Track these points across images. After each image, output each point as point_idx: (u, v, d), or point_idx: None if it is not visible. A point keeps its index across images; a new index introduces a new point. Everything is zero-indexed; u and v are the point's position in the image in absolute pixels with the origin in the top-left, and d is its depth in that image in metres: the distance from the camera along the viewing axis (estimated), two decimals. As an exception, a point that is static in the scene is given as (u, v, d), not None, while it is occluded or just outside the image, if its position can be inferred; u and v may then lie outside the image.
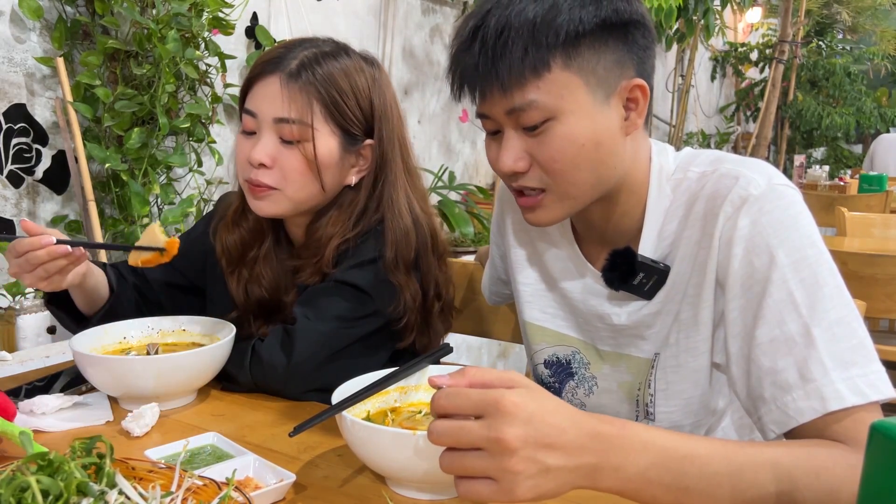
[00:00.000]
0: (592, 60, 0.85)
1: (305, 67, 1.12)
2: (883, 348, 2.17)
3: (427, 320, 1.21)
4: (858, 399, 0.77)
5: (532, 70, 0.84)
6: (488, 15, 0.86)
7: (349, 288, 1.13)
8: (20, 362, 2.01)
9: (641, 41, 0.89)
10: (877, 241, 3.15)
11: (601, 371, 1.05)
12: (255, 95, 1.14)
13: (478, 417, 0.63)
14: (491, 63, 0.84)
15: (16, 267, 1.10)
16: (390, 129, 1.19)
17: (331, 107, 1.12)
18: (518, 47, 0.83)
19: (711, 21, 5.05)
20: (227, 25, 2.69)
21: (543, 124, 0.86)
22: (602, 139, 0.88)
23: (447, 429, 0.64)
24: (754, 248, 0.85)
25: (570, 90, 0.85)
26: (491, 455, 0.62)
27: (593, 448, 0.64)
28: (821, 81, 8.71)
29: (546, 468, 0.63)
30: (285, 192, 1.14)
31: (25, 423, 0.96)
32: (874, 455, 0.48)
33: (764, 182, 0.87)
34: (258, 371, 1.10)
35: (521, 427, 0.62)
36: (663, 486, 0.67)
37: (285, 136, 1.12)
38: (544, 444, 0.62)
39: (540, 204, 0.92)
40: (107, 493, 0.63)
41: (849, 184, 5.12)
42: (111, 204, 2.61)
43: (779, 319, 0.82)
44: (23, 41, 2.43)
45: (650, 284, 0.95)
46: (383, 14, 4.05)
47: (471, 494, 0.64)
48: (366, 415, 0.89)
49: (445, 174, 3.85)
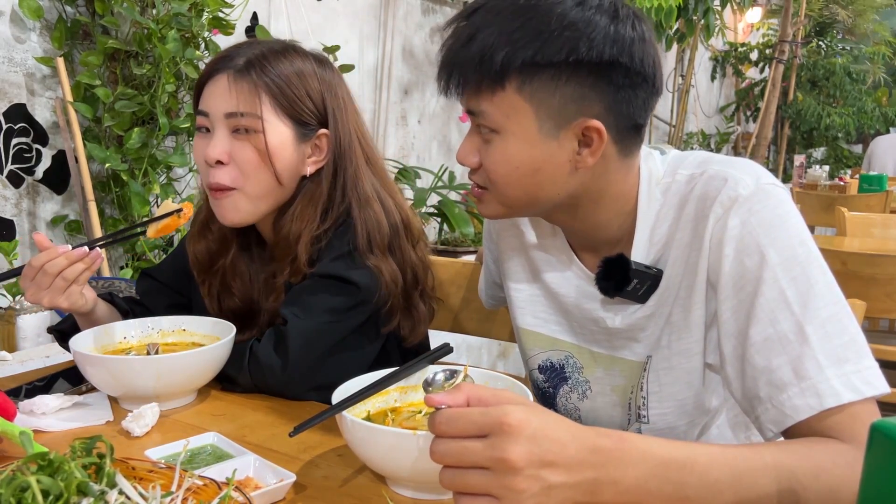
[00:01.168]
0: (548, 92, 0.85)
1: (253, 63, 1.13)
2: (883, 348, 2.17)
3: (409, 303, 1.22)
4: (854, 395, 0.77)
5: (488, 82, 0.86)
6: (471, 17, 0.88)
7: (333, 280, 1.13)
8: (20, 362, 2.01)
9: (621, 81, 0.86)
10: (877, 241, 3.15)
11: (594, 374, 1.05)
12: (205, 95, 1.15)
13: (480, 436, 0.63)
14: (456, 62, 0.88)
15: (33, 287, 1.10)
16: (345, 120, 1.20)
17: (280, 97, 1.14)
18: (477, 56, 0.85)
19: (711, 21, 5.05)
20: (227, 25, 2.69)
21: (489, 133, 0.89)
22: (541, 167, 0.89)
23: (450, 450, 0.63)
24: (745, 248, 0.85)
25: (518, 114, 0.87)
26: (494, 474, 0.62)
27: (593, 462, 0.64)
28: (821, 81, 8.71)
29: (549, 486, 0.62)
30: (244, 190, 1.14)
31: (25, 423, 0.96)
32: (874, 455, 0.48)
33: (752, 182, 0.87)
34: (257, 372, 1.10)
35: (525, 445, 0.61)
36: (664, 497, 0.67)
37: (239, 130, 1.13)
38: (547, 461, 0.62)
39: (482, 199, 0.96)
40: (107, 493, 0.63)
41: (849, 184, 5.12)
42: (111, 204, 2.61)
43: (771, 318, 0.82)
44: (23, 41, 2.43)
45: (644, 289, 0.95)
46: (383, 14, 4.05)
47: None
48: (366, 415, 0.89)
49: (445, 174, 3.84)
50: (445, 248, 3.40)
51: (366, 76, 4.02)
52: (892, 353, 2.17)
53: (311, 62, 1.18)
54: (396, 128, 4.23)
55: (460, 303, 1.47)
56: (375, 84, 4.10)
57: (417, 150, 4.37)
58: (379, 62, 4.09)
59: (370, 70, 4.05)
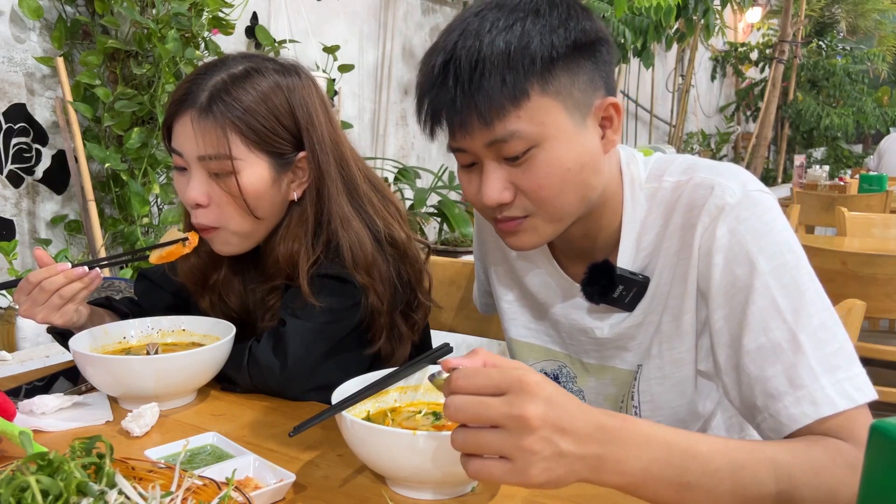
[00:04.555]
0: (567, 83, 0.85)
1: (215, 99, 1.08)
2: (883, 348, 2.17)
3: (392, 321, 1.18)
4: (848, 403, 0.77)
5: (511, 99, 0.82)
6: (456, 48, 0.84)
7: (330, 280, 1.12)
8: (20, 362, 2.01)
9: (607, 57, 0.88)
10: (877, 241, 3.15)
11: (587, 384, 1.05)
12: (175, 135, 1.12)
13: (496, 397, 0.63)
14: (469, 96, 0.82)
15: (28, 302, 1.09)
16: (320, 138, 1.14)
17: (249, 133, 1.09)
18: (495, 78, 0.82)
19: (711, 21, 5.05)
20: (227, 25, 2.69)
21: (526, 153, 0.85)
22: (585, 160, 0.88)
23: (467, 404, 0.63)
24: (734, 256, 0.85)
25: (551, 115, 0.85)
26: (509, 433, 0.62)
27: (599, 438, 0.64)
28: (821, 81, 8.72)
29: (560, 452, 0.63)
30: (228, 228, 1.13)
31: (25, 423, 0.96)
32: (874, 455, 0.48)
33: (739, 189, 0.87)
34: (256, 373, 1.10)
35: (542, 406, 0.61)
36: (665, 482, 0.67)
37: (212, 171, 1.10)
38: (560, 426, 0.62)
39: (522, 228, 0.90)
40: (106, 493, 0.63)
41: (849, 184, 5.12)
42: (111, 204, 2.61)
43: (764, 327, 0.82)
44: (23, 41, 2.43)
45: (630, 297, 0.95)
46: (383, 14, 4.05)
47: (482, 474, 0.64)
48: (366, 415, 0.89)
49: (445, 174, 3.85)
50: (445, 248, 3.40)
51: (366, 76, 4.02)
52: (892, 353, 2.17)
53: (274, 76, 1.12)
54: (396, 128, 4.23)
55: (460, 303, 1.47)
56: (375, 84, 4.10)
57: (417, 150, 4.37)
58: (379, 62, 4.09)
59: (370, 70, 4.05)
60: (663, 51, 6.49)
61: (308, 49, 3.56)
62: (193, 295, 1.26)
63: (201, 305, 1.25)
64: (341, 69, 3.54)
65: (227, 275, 1.23)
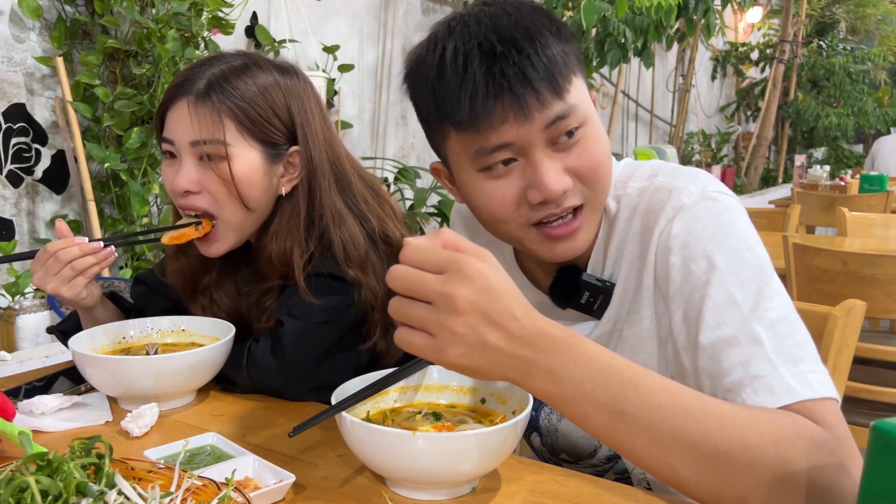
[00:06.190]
0: (580, 54, 0.86)
1: (213, 86, 1.09)
2: (883, 348, 2.17)
3: (386, 319, 1.16)
4: (810, 393, 0.72)
5: (564, 76, 0.81)
6: (473, 33, 0.81)
7: (326, 279, 1.11)
8: (20, 362, 2.02)
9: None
10: (877, 241, 3.15)
11: None
12: (169, 122, 1.12)
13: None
14: (523, 76, 0.79)
15: (42, 271, 1.11)
16: (314, 134, 1.15)
17: (244, 121, 1.10)
18: (548, 52, 0.80)
19: (712, 20, 5.04)
20: (226, 25, 2.69)
21: (577, 131, 0.83)
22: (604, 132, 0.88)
23: (405, 274, 0.65)
24: (691, 254, 0.83)
25: (584, 88, 0.86)
26: (437, 310, 0.63)
27: (535, 343, 0.64)
28: (821, 81, 8.71)
29: (484, 342, 0.63)
30: (223, 217, 1.12)
31: (25, 423, 0.96)
32: (874, 455, 0.48)
33: (696, 190, 0.86)
34: (255, 374, 1.10)
35: (474, 293, 0.62)
36: (598, 405, 0.66)
37: (204, 158, 1.10)
38: (491, 319, 0.63)
39: (580, 225, 0.87)
40: (106, 494, 0.63)
41: (849, 184, 5.11)
42: (111, 203, 2.61)
43: (720, 321, 0.79)
44: (22, 41, 2.43)
45: (598, 304, 0.93)
46: (383, 14, 4.05)
47: (403, 343, 0.66)
48: (366, 415, 0.89)
49: (445, 174, 3.84)
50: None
51: (366, 76, 4.02)
52: (892, 353, 2.16)
53: (274, 73, 1.14)
54: (396, 128, 4.23)
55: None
56: (375, 84, 4.10)
57: (417, 150, 4.37)
58: (379, 62, 4.09)
59: (370, 70, 4.05)
60: (664, 51, 6.49)
61: (308, 49, 3.56)
62: (183, 299, 1.26)
63: (192, 309, 1.25)
64: (341, 69, 3.54)
65: (219, 276, 1.23)
